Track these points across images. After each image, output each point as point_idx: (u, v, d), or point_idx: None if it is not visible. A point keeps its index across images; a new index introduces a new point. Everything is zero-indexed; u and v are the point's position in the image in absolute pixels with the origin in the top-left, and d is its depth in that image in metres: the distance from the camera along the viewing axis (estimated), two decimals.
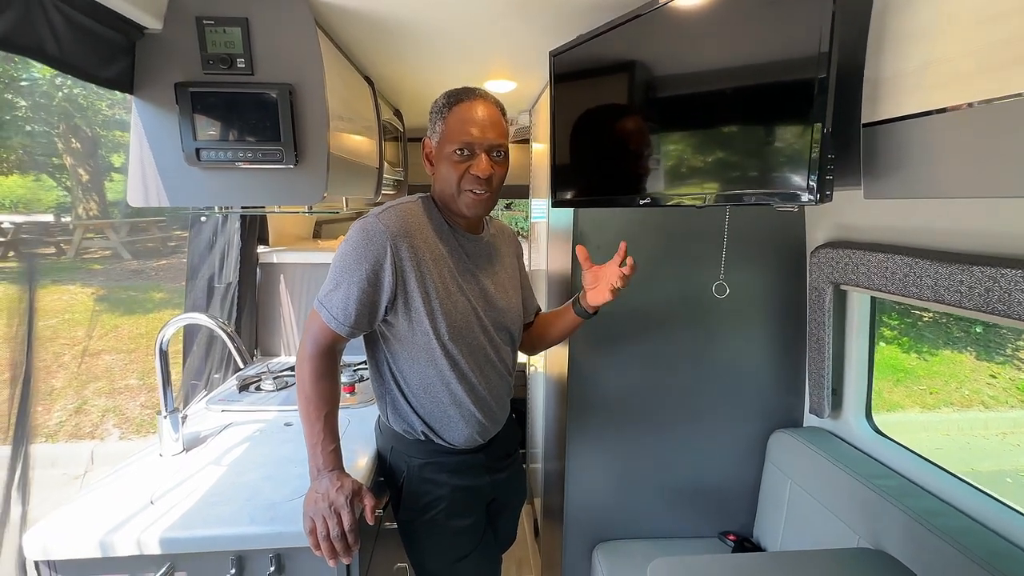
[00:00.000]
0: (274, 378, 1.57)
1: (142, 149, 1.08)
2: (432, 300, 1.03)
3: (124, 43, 1.03)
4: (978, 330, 5.20)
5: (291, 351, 1.89)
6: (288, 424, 1.36)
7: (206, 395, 1.56)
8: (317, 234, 2.42)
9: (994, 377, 4.86)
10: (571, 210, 1.44)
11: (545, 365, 1.89)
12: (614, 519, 1.60)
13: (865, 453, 1.34)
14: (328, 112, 1.12)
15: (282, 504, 1.00)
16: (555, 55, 1.19)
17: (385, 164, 1.85)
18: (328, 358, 1.03)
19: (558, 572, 1.71)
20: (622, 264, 1.11)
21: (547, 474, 1.88)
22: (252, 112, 1.07)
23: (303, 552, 0.94)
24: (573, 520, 1.59)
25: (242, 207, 1.50)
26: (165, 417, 1.14)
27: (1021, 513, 1.00)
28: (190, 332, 1.57)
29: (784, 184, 0.73)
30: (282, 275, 1.84)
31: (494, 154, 1.05)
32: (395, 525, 1.18)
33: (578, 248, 1.16)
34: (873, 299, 1.34)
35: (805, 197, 0.70)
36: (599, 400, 1.53)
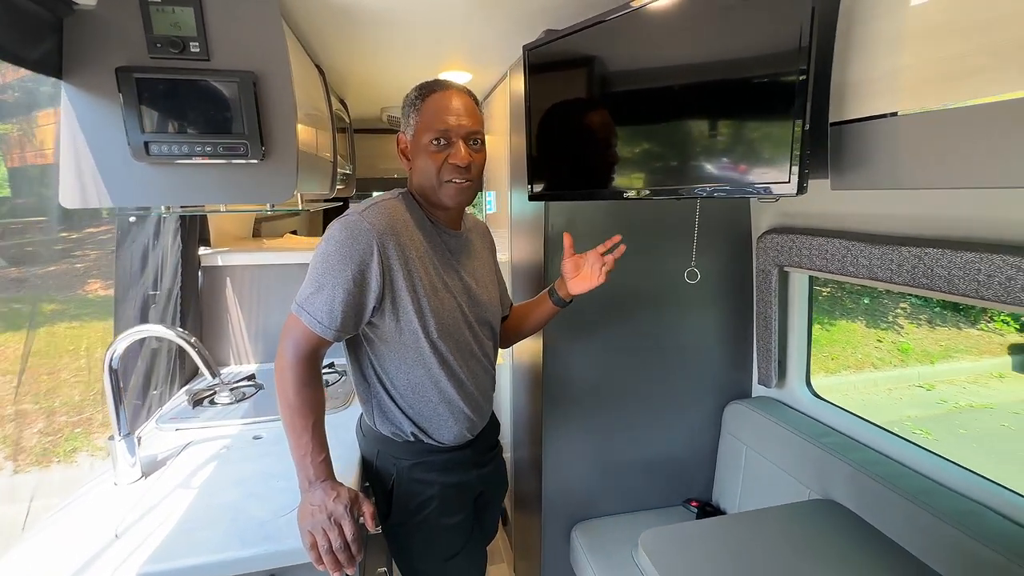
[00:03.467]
0: (231, 390, 1.45)
1: (76, 142, 0.95)
2: (421, 299, 1.01)
3: (49, 19, 0.90)
4: (866, 301, 5.95)
5: (242, 360, 1.76)
6: (257, 437, 1.27)
7: (151, 415, 1.41)
8: (256, 233, 2.25)
9: (880, 341, 5.61)
10: (540, 202, 1.47)
11: (513, 356, 1.91)
12: (588, 499, 1.67)
13: (808, 416, 1.50)
14: (295, 103, 1.05)
15: (272, 521, 0.95)
16: (529, 49, 1.20)
17: (338, 157, 1.76)
18: (311, 364, 0.98)
19: (534, 557, 1.76)
20: (606, 253, 1.18)
21: (519, 462, 1.92)
22: (209, 102, 0.98)
23: (302, 569, 0.90)
24: (550, 504, 1.64)
25: (184, 206, 1.37)
26: (120, 441, 1.02)
27: (941, 456, 1.18)
28: (130, 348, 1.40)
29: (767, 178, 0.80)
30: (228, 278, 1.69)
31: (471, 142, 1.04)
32: (379, 530, 1.15)
33: (566, 236, 1.19)
34: (811, 278, 1.50)
35: (786, 190, 0.78)
36: (571, 386, 1.58)
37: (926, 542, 1.04)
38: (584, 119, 1.15)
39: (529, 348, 1.67)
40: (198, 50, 0.97)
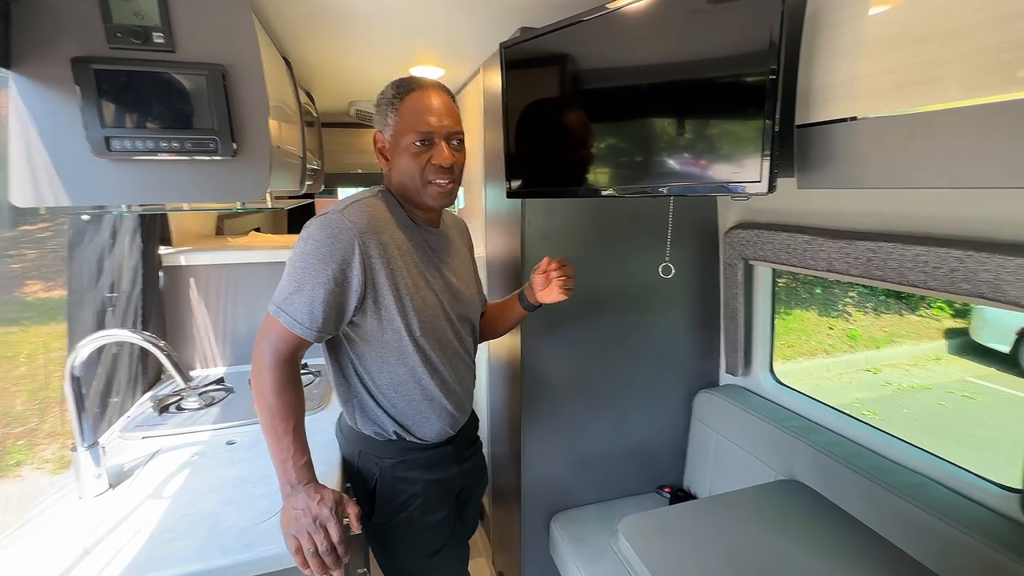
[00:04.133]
0: (199, 394, 1.40)
1: (28, 136, 0.89)
2: (403, 297, 1.01)
3: None
4: (818, 291, 6.28)
5: (209, 363, 1.69)
6: (231, 443, 1.23)
7: (112, 424, 1.34)
8: (219, 230, 2.17)
9: (831, 329, 5.93)
10: (518, 199, 1.48)
11: (490, 351, 1.92)
12: (566, 490, 1.70)
13: (773, 402, 1.58)
14: (267, 97, 1.01)
15: (252, 528, 0.93)
16: (506, 47, 1.20)
17: (307, 153, 1.71)
18: (290, 366, 0.96)
19: (514, 549, 1.78)
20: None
21: (497, 456, 1.93)
22: (175, 95, 0.93)
23: (286, 574, 0.88)
24: (529, 497, 1.67)
25: (143, 204, 1.30)
26: (86, 450, 0.97)
27: (893, 435, 1.27)
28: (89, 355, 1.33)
29: (739, 177, 0.84)
30: (192, 278, 1.62)
31: (453, 142, 1.04)
32: (359, 530, 1.15)
33: (546, 261, 1.20)
34: (773, 271, 1.58)
35: (758, 189, 0.82)
36: (549, 379, 1.61)
37: (880, 515, 1.12)
38: (562, 117, 1.17)
39: (507, 343, 1.69)
40: (162, 41, 0.92)
